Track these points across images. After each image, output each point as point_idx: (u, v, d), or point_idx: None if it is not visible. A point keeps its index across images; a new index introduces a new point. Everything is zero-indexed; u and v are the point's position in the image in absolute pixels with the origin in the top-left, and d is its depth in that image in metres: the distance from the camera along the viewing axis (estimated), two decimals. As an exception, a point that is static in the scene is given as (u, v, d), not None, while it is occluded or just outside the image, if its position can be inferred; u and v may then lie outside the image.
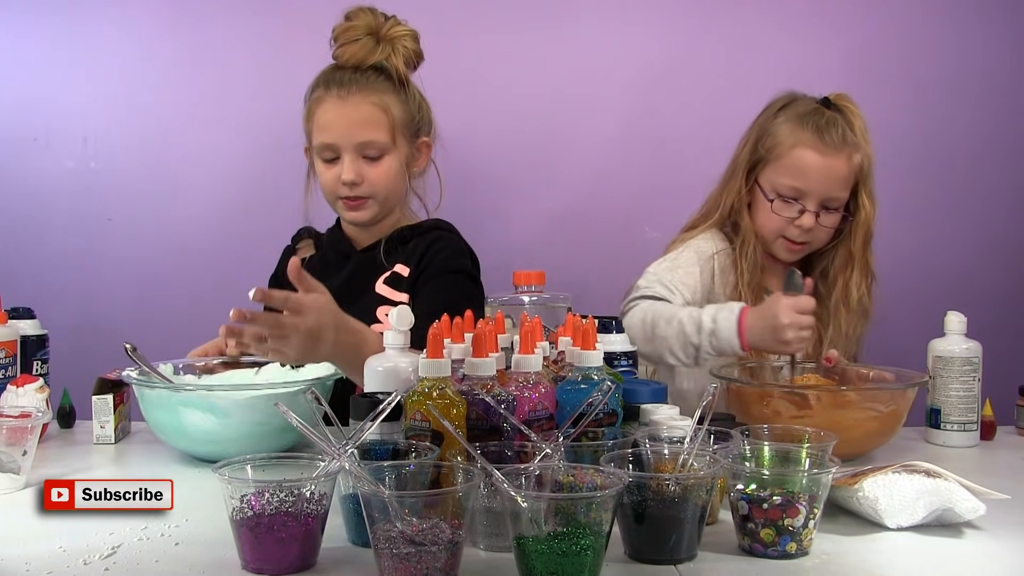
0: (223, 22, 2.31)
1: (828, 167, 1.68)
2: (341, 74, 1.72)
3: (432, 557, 0.88)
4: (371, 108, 1.70)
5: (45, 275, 2.28)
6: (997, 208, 2.35)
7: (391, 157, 1.73)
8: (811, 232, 1.72)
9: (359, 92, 1.70)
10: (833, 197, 1.70)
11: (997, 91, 2.33)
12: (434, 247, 1.75)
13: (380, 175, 1.72)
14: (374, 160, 1.72)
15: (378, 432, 1.03)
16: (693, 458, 1.02)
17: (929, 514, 1.08)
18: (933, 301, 1.93)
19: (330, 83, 1.72)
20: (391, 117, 1.71)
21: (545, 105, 2.32)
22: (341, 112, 1.70)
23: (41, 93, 2.32)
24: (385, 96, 1.72)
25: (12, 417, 1.25)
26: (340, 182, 1.71)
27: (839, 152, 1.68)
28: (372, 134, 1.70)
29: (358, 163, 1.71)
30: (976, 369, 1.57)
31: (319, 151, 1.73)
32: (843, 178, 1.69)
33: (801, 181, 1.69)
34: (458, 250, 1.77)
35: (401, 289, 1.73)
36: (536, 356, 1.10)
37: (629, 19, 2.32)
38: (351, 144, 1.70)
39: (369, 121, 1.70)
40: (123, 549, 1.00)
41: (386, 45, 1.73)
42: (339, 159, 1.72)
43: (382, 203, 1.75)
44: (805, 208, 1.70)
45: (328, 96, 1.71)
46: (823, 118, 1.70)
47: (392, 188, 1.75)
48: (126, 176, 2.31)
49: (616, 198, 2.34)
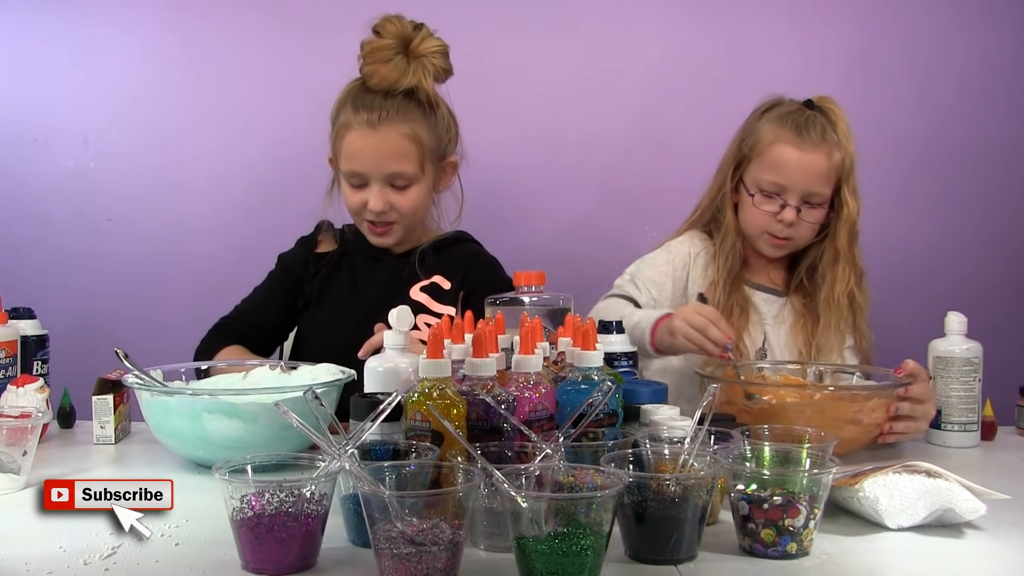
0: (223, 22, 2.31)
1: (807, 162, 1.72)
2: (372, 99, 1.69)
3: (432, 557, 0.88)
4: (401, 140, 1.68)
5: (45, 275, 2.28)
6: (997, 208, 2.35)
7: (419, 185, 1.73)
8: (794, 227, 1.75)
9: (389, 122, 1.67)
10: (813, 192, 1.73)
11: (997, 91, 2.33)
12: (477, 264, 1.82)
13: (407, 203, 1.73)
14: (402, 189, 1.72)
15: (378, 432, 1.03)
16: (693, 458, 1.02)
17: (929, 514, 1.08)
18: (933, 301, 1.94)
19: (359, 107, 1.68)
20: (420, 147, 1.70)
21: (545, 107, 2.32)
22: (370, 142, 1.68)
23: (41, 93, 2.32)
24: (415, 125, 1.69)
25: (12, 417, 1.25)
26: (367, 208, 1.72)
27: (817, 148, 1.72)
28: (401, 166, 1.69)
29: (386, 192, 1.71)
30: (976, 369, 1.57)
31: (347, 176, 1.73)
32: (822, 173, 1.72)
33: (781, 176, 1.73)
34: (496, 264, 1.85)
35: (445, 302, 1.76)
36: (536, 356, 1.10)
37: (628, 21, 2.32)
38: (380, 175, 1.70)
39: (399, 153, 1.69)
40: (123, 549, 1.00)
41: (417, 66, 1.70)
42: (366, 185, 1.71)
43: (407, 227, 1.78)
44: (786, 203, 1.73)
45: (357, 122, 1.68)
46: (803, 117, 1.75)
47: (419, 213, 1.77)
48: (126, 176, 2.32)
49: (616, 198, 2.34)
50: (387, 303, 1.70)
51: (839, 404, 1.39)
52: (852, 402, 1.39)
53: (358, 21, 1.76)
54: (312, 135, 1.84)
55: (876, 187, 2.33)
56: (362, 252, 1.83)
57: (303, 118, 1.82)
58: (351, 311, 1.78)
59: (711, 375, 1.52)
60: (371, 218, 1.74)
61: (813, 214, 1.75)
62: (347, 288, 1.82)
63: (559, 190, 2.33)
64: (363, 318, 1.72)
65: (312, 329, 1.83)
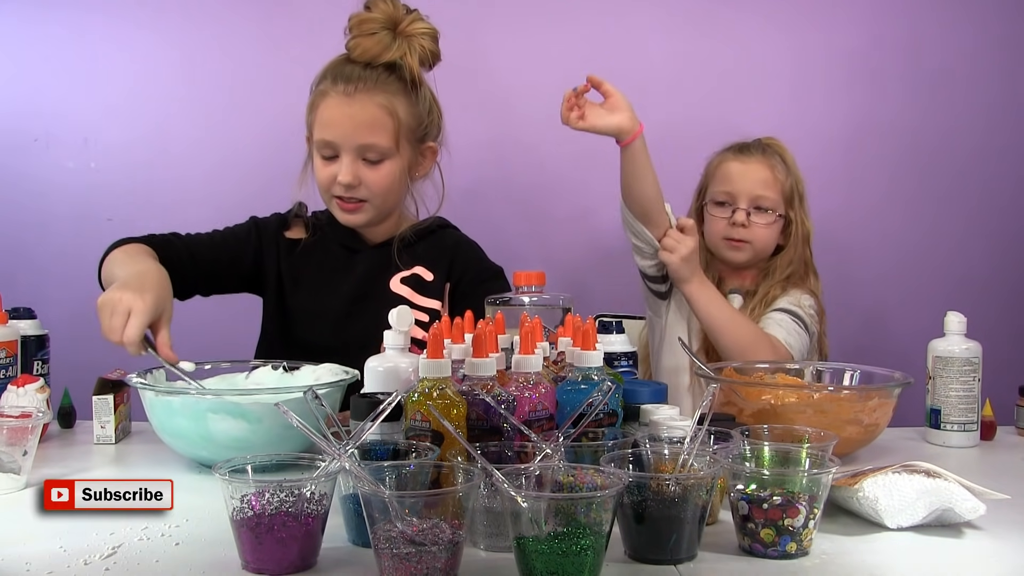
0: (224, 22, 2.31)
1: (748, 170, 1.90)
2: (351, 69, 1.64)
3: (432, 557, 0.88)
4: (376, 110, 1.63)
5: (45, 275, 2.28)
6: (997, 208, 2.35)
7: (392, 162, 1.67)
8: (748, 230, 1.88)
9: (366, 91, 1.63)
10: (760, 196, 1.89)
11: (997, 91, 2.34)
12: (461, 252, 1.77)
13: (378, 179, 1.66)
14: (374, 164, 1.66)
15: (378, 432, 1.03)
16: (693, 458, 1.02)
17: (929, 514, 1.08)
18: (933, 301, 1.94)
19: (337, 77, 1.64)
20: (396, 121, 1.65)
21: (544, 106, 2.32)
22: (345, 111, 1.63)
23: (41, 93, 2.32)
24: (393, 98, 1.65)
25: (12, 417, 1.25)
26: (336, 181, 1.65)
27: (758, 161, 1.91)
28: (374, 137, 1.64)
29: (356, 165, 1.65)
30: (976, 369, 1.57)
31: (318, 147, 1.67)
32: (765, 180, 1.89)
33: (728, 185, 1.91)
34: (479, 250, 1.81)
35: (429, 295, 1.72)
36: (536, 356, 1.10)
37: (627, 19, 2.32)
38: (351, 145, 1.64)
39: (373, 124, 1.63)
40: (123, 549, 1.00)
41: (402, 42, 1.65)
42: (338, 157, 1.65)
43: (378, 208, 1.70)
44: (737, 207, 1.89)
45: (334, 91, 1.63)
46: (746, 143, 1.95)
47: (390, 193, 1.70)
48: (126, 176, 2.32)
49: (616, 198, 2.34)
50: (365, 297, 1.69)
51: (839, 404, 1.39)
52: (852, 402, 1.39)
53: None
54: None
55: (875, 187, 2.35)
56: (336, 241, 1.76)
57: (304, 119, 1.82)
58: (326, 305, 1.72)
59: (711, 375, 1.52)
60: (339, 192, 1.66)
61: (764, 217, 1.89)
62: (319, 280, 1.74)
63: (559, 190, 2.33)
64: (341, 313, 1.70)
65: (279, 322, 1.75)
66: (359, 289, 1.72)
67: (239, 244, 1.76)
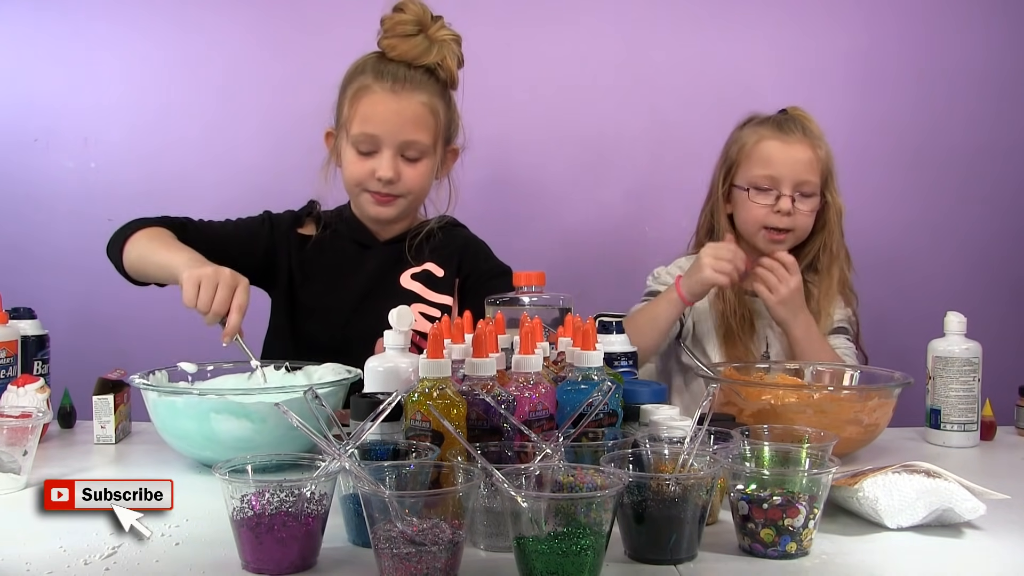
0: (224, 22, 2.31)
1: (792, 153, 1.80)
2: (395, 68, 1.67)
3: (432, 557, 0.88)
4: (421, 108, 1.67)
5: (45, 275, 2.28)
6: (997, 208, 2.35)
7: (428, 160, 1.70)
8: (792, 217, 1.80)
9: (412, 89, 1.66)
10: (804, 180, 1.80)
11: (997, 91, 2.34)
12: (470, 250, 1.80)
13: (416, 176, 1.70)
14: (412, 161, 1.69)
15: (378, 432, 1.03)
16: (693, 458, 1.02)
17: (929, 514, 1.08)
18: (933, 301, 1.93)
19: (382, 74, 1.66)
20: (437, 120, 1.69)
21: (544, 106, 2.32)
22: (391, 106, 1.65)
23: (41, 93, 2.32)
24: (435, 99, 1.68)
25: (13, 417, 1.25)
26: (373, 176, 1.67)
27: (800, 141, 1.81)
28: (418, 134, 1.67)
29: (397, 161, 1.67)
30: (976, 369, 1.57)
31: (356, 141, 1.68)
32: (809, 162, 1.80)
33: (771, 169, 1.80)
34: (487, 248, 1.83)
35: (439, 290, 1.74)
36: (536, 356, 1.10)
37: (628, 20, 2.32)
38: (395, 141, 1.66)
39: (417, 121, 1.67)
40: (123, 549, 1.00)
41: (440, 46, 1.69)
42: (376, 152, 1.67)
43: (410, 203, 1.74)
44: (781, 193, 1.79)
45: (378, 86, 1.66)
46: (781, 118, 1.86)
47: (423, 191, 1.74)
48: (126, 176, 2.32)
49: (616, 198, 2.34)
50: (376, 292, 1.70)
51: (839, 404, 1.39)
52: (852, 402, 1.39)
53: (361, 19, 1.76)
54: (315, 136, 1.83)
55: (876, 187, 2.34)
56: (348, 238, 1.78)
57: (306, 118, 1.81)
58: (336, 300, 1.74)
59: (710, 375, 1.52)
60: (376, 188, 1.69)
61: (808, 203, 1.81)
62: (330, 275, 1.76)
63: (559, 190, 2.33)
64: (351, 308, 1.71)
65: (288, 317, 1.77)
66: (370, 284, 1.73)
67: (252, 236, 1.78)
